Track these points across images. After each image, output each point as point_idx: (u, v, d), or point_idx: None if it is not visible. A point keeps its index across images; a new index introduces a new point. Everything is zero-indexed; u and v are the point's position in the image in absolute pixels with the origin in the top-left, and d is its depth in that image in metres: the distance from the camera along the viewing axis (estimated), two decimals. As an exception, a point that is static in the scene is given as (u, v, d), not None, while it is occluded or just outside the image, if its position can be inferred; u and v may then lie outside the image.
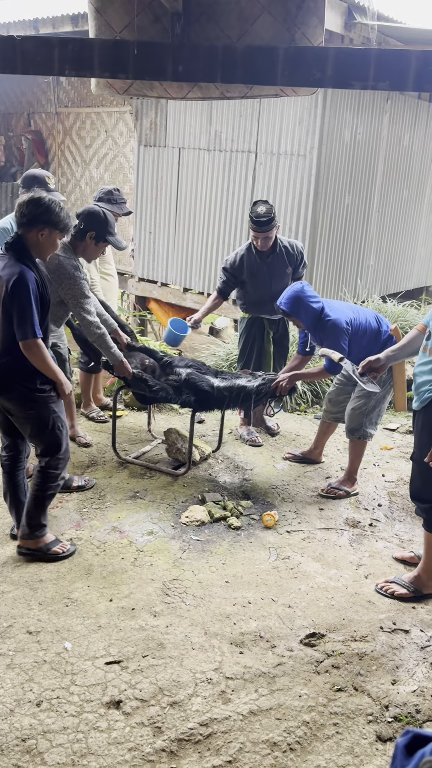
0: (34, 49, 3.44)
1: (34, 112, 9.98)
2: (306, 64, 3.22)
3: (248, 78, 3.36)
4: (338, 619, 2.97)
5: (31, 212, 2.88)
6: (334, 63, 3.21)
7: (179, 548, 3.43)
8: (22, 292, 2.83)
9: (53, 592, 3.03)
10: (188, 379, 4.05)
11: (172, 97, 3.81)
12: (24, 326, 2.87)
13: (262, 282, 4.61)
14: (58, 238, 2.99)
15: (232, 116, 7.07)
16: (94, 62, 3.40)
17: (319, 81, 3.26)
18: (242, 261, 4.61)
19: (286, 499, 4.05)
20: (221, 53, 3.30)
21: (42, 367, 2.98)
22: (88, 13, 3.72)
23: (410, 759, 0.96)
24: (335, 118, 6.59)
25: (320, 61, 3.20)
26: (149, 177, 8.05)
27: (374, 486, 4.31)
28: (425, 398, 2.92)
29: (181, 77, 3.39)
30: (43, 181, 4.11)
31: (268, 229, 4.40)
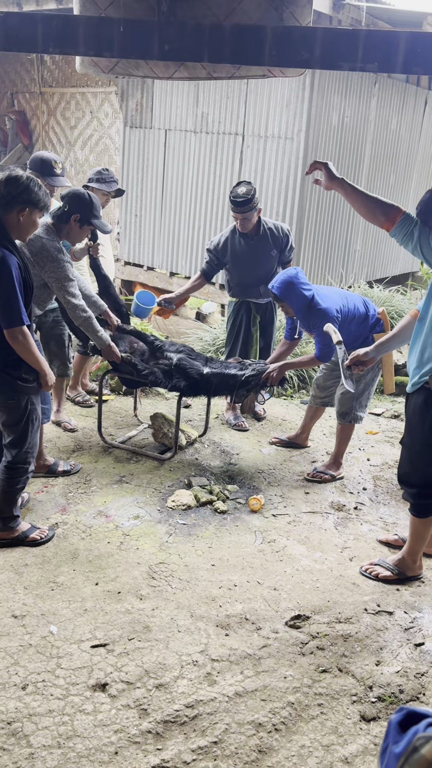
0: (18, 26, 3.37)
1: (18, 91, 9.81)
2: (294, 44, 3.18)
3: (235, 58, 3.32)
4: (323, 601, 2.99)
5: (10, 192, 2.80)
6: (323, 43, 3.17)
7: (165, 532, 3.43)
8: (5, 277, 2.77)
9: (39, 576, 3.02)
10: (179, 364, 4.03)
11: (158, 76, 3.75)
12: (9, 314, 2.82)
13: (246, 264, 4.58)
14: (37, 217, 2.93)
15: (219, 98, 7.00)
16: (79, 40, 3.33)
17: (307, 62, 3.23)
18: (226, 243, 4.58)
19: (272, 483, 4.06)
20: (208, 32, 3.25)
21: (26, 357, 2.93)
22: (73, -11, 3.64)
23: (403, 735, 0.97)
24: (323, 100, 6.54)
25: (308, 41, 3.16)
26: (135, 159, 7.96)
27: (359, 470, 4.33)
28: (416, 382, 2.93)
29: (168, 56, 3.34)
30: (50, 165, 4.05)
31: (246, 210, 4.37)
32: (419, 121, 8.71)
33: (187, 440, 4.42)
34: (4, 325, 2.84)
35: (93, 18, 3.56)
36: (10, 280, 2.78)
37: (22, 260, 2.91)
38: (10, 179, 2.81)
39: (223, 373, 4.01)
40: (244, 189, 4.36)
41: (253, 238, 4.56)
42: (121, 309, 4.32)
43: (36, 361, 2.98)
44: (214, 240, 4.66)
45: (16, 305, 2.81)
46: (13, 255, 2.84)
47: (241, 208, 4.36)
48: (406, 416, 3.06)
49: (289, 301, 3.85)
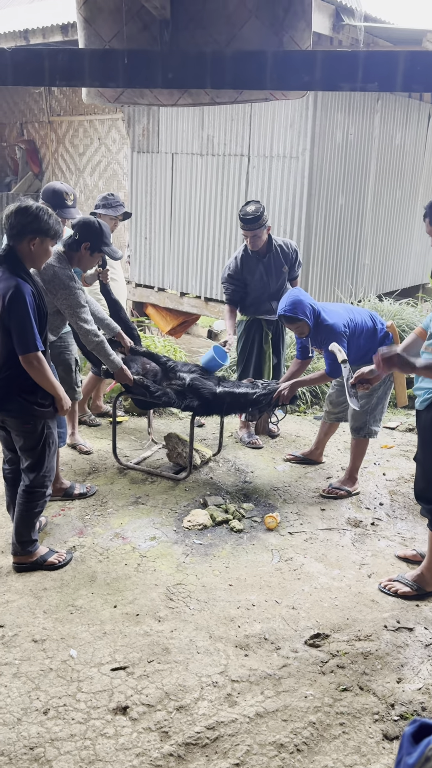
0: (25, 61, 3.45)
1: (27, 121, 10.01)
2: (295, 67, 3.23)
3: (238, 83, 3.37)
4: (342, 619, 2.98)
5: (20, 222, 2.86)
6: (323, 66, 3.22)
7: (182, 553, 3.43)
8: (20, 305, 2.82)
9: (57, 600, 3.04)
10: (192, 384, 4.06)
11: (163, 104, 3.82)
12: (24, 340, 2.87)
13: (260, 282, 4.63)
14: (50, 245, 2.98)
15: (223, 120, 7.09)
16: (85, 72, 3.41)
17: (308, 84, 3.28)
18: (242, 264, 4.63)
19: (287, 501, 4.06)
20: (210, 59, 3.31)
21: (42, 382, 2.97)
22: (78, 23, 3.74)
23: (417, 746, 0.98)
24: (326, 119, 6.60)
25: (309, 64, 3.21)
26: (143, 183, 8.07)
27: (375, 485, 4.31)
28: (426, 398, 2.93)
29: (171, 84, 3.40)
30: (62, 197, 4.09)
31: (256, 227, 4.42)
32: (423, 135, 8.77)
33: (201, 459, 4.44)
34: (20, 351, 2.88)
35: (98, 50, 3.65)
36: (24, 308, 2.83)
37: (36, 288, 2.96)
38: (20, 210, 2.87)
39: (235, 392, 4.03)
40: (253, 207, 4.42)
41: (265, 256, 4.61)
42: (132, 332, 4.37)
43: (51, 386, 3.02)
44: (231, 265, 4.68)
45: (31, 332, 2.86)
46: (27, 283, 2.90)
47: (250, 225, 4.41)
48: (418, 432, 3.06)
49: (305, 317, 3.83)
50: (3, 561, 3.31)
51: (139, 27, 3.72)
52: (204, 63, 3.42)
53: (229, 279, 4.69)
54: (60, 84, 3.61)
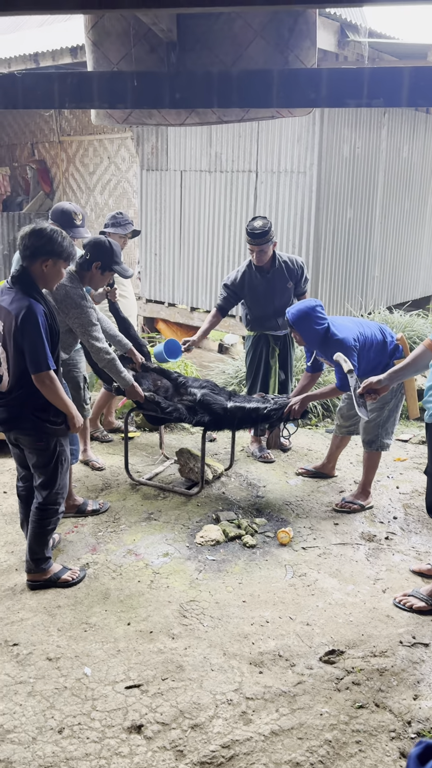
0: (35, 85, 3.53)
1: (38, 141, 10.15)
2: (300, 85, 3.28)
3: (244, 102, 3.43)
4: (357, 635, 2.95)
5: (34, 244, 2.91)
6: (328, 83, 3.27)
7: (195, 569, 3.43)
8: (32, 325, 2.86)
9: (71, 617, 3.04)
10: (203, 400, 4.07)
11: (171, 123, 3.87)
12: (36, 359, 2.90)
13: (263, 298, 4.65)
14: (62, 267, 3.02)
15: (231, 137, 7.16)
16: (94, 94, 3.48)
17: (314, 101, 3.32)
18: (243, 278, 4.66)
19: (300, 515, 4.04)
20: (217, 79, 3.37)
21: (54, 400, 3.00)
22: (86, 47, 3.81)
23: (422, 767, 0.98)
24: (333, 134, 6.65)
25: (314, 82, 3.26)
26: (153, 200, 8.15)
27: (389, 498, 4.29)
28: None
29: (179, 104, 3.46)
30: (71, 217, 4.13)
31: (263, 241, 4.45)
32: (431, 147, 8.79)
33: (213, 474, 4.44)
34: (32, 370, 2.91)
35: (106, 73, 3.72)
36: (37, 328, 2.87)
37: (48, 308, 3.00)
38: (34, 232, 2.92)
39: (246, 407, 4.04)
40: (261, 222, 4.45)
41: (269, 271, 4.63)
42: (142, 349, 4.39)
43: (63, 403, 3.04)
44: (231, 276, 4.74)
45: (43, 351, 2.89)
46: (39, 303, 2.93)
47: (258, 240, 4.44)
48: (428, 445, 3.05)
49: (300, 330, 3.86)
50: (17, 579, 3.32)
51: (146, 49, 3.78)
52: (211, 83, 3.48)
53: (224, 287, 4.77)
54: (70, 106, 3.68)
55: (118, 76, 3.50)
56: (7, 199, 10.56)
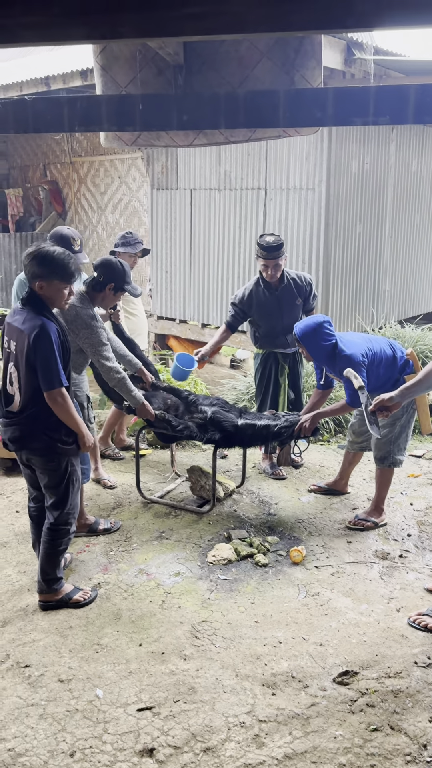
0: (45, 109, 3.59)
1: (50, 162, 10.30)
2: (306, 105, 3.31)
3: (251, 122, 3.46)
4: (371, 655, 2.91)
5: (30, 267, 2.96)
6: (334, 102, 3.29)
7: (207, 588, 3.41)
8: (45, 343, 2.89)
9: (83, 638, 3.03)
10: (214, 418, 4.07)
11: (179, 145, 3.92)
12: (49, 377, 2.92)
13: (272, 315, 4.64)
14: (61, 287, 3.00)
15: (240, 155, 7.22)
16: (102, 118, 3.53)
17: (320, 120, 3.35)
18: (251, 295, 4.65)
19: (313, 533, 4.02)
20: (224, 100, 3.41)
21: (66, 418, 3.01)
22: (95, 71, 3.86)
23: None
24: (342, 150, 6.69)
25: (320, 101, 3.29)
26: (163, 219, 8.22)
27: (402, 515, 4.25)
28: None
29: (187, 126, 3.50)
30: (69, 242, 4.15)
31: (278, 255, 4.46)
32: (440, 162, 8.81)
33: (224, 492, 4.42)
34: (45, 387, 2.93)
35: (114, 96, 3.77)
36: (49, 346, 2.90)
37: (60, 326, 3.03)
38: (29, 254, 2.96)
39: (256, 424, 4.03)
40: (273, 237, 4.48)
41: (277, 288, 4.64)
42: (150, 367, 4.41)
43: (74, 422, 3.06)
44: (239, 293, 4.74)
45: (56, 368, 2.92)
46: (51, 322, 2.97)
47: (273, 254, 4.45)
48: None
49: (307, 346, 3.85)
50: (30, 599, 3.32)
51: (154, 72, 3.83)
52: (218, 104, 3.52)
53: (232, 305, 4.77)
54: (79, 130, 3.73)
55: (126, 99, 3.55)
56: (20, 220, 10.70)
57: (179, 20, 1.48)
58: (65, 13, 1.55)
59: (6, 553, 3.75)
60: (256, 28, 1.47)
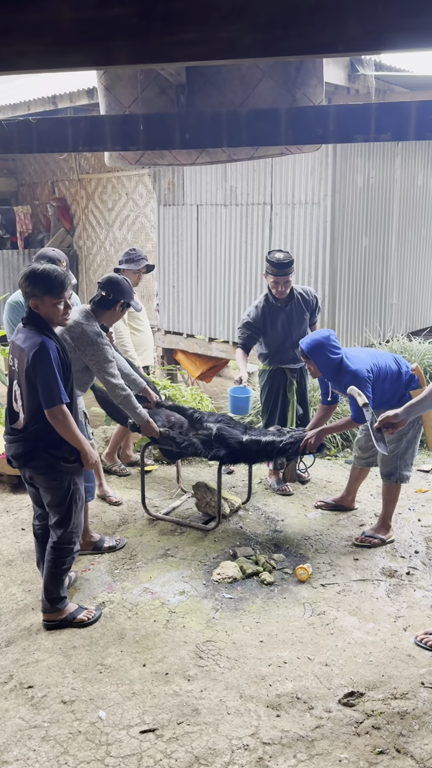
0: (49, 129, 3.64)
1: (58, 180, 10.40)
2: (308, 122, 3.33)
3: (253, 140, 3.48)
4: (377, 675, 2.88)
5: (24, 288, 2.98)
6: (335, 119, 3.31)
7: (212, 608, 3.38)
8: (45, 360, 2.90)
9: (87, 658, 3.01)
10: (218, 434, 4.07)
11: (182, 163, 3.94)
12: (50, 394, 2.93)
13: (282, 331, 4.65)
14: (54, 303, 2.98)
15: (246, 171, 7.26)
16: (106, 137, 3.57)
17: (322, 137, 3.36)
18: (263, 312, 4.63)
19: (319, 550, 3.98)
20: (226, 119, 3.43)
21: (67, 435, 3.02)
22: (98, 91, 3.91)
23: None
24: (347, 164, 6.71)
25: (322, 118, 3.31)
26: (170, 234, 8.27)
27: (410, 532, 4.21)
28: None
29: (189, 145, 3.53)
30: (53, 264, 4.19)
31: (289, 271, 4.47)
32: (446, 174, 8.81)
33: (230, 508, 4.40)
34: (45, 405, 2.94)
35: (118, 116, 3.80)
36: (49, 363, 2.91)
37: (60, 344, 3.05)
38: (22, 275, 2.98)
39: (261, 440, 4.02)
40: (283, 254, 4.48)
41: (287, 304, 4.64)
42: (150, 386, 4.42)
43: (77, 439, 3.06)
44: (251, 313, 4.68)
45: (56, 385, 2.93)
46: (51, 340, 2.98)
47: (285, 270, 4.46)
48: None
49: (315, 360, 3.84)
50: (34, 618, 3.31)
51: (156, 92, 3.87)
52: (220, 123, 3.54)
53: (246, 326, 4.68)
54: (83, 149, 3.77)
55: (129, 118, 3.58)
56: (28, 236, 10.80)
57: (172, 47, 1.49)
58: (60, 41, 1.57)
59: (11, 572, 3.75)
60: (247, 53, 1.48)
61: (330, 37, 1.46)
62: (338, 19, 1.45)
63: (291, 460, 4.18)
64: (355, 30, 1.44)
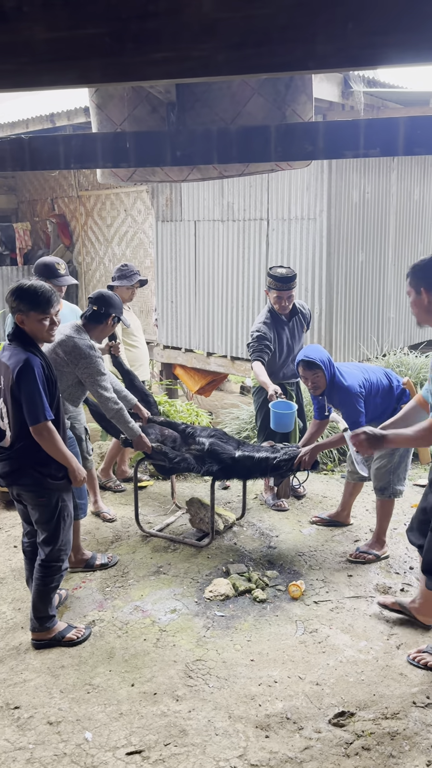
0: (41, 147, 3.65)
1: (57, 197, 10.47)
2: (298, 139, 3.34)
3: (244, 157, 3.49)
4: (368, 695, 2.83)
5: (10, 303, 2.99)
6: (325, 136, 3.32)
7: (203, 626, 3.35)
8: (29, 377, 2.89)
9: (75, 678, 2.97)
10: (211, 449, 4.04)
11: (174, 180, 3.96)
12: (34, 411, 2.92)
13: (285, 347, 4.64)
14: (40, 319, 2.98)
15: (243, 187, 7.30)
16: (98, 155, 3.58)
17: (312, 153, 3.37)
18: (270, 328, 4.59)
19: (313, 567, 3.94)
20: (216, 136, 3.45)
21: (53, 452, 3.00)
22: (90, 109, 3.94)
23: None
24: (342, 180, 6.74)
25: (311, 135, 3.32)
26: (168, 250, 8.30)
27: (405, 547, 4.16)
28: None
29: (180, 161, 3.54)
30: (53, 267, 4.22)
31: (293, 286, 4.48)
32: (443, 189, 8.84)
33: (224, 524, 4.37)
34: (30, 422, 2.93)
35: (109, 134, 3.83)
36: (33, 380, 2.90)
37: (45, 361, 3.04)
38: (12, 291, 2.97)
39: (254, 456, 3.99)
40: (285, 269, 4.48)
41: (290, 319, 4.64)
42: (149, 399, 4.41)
43: (63, 456, 3.04)
44: (261, 328, 4.57)
45: (41, 402, 2.91)
46: (36, 356, 2.98)
47: (289, 284, 4.46)
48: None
49: (323, 365, 3.79)
50: (22, 637, 3.27)
51: (148, 110, 3.90)
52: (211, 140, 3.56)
53: (260, 339, 4.54)
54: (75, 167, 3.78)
55: (121, 136, 3.60)
56: (28, 253, 10.85)
57: (145, 65, 1.50)
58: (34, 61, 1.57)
59: (2, 590, 3.72)
60: (219, 71, 1.49)
61: (300, 54, 1.46)
62: (309, 38, 1.45)
63: (285, 476, 4.15)
64: (325, 48, 1.44)
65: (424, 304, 2.82)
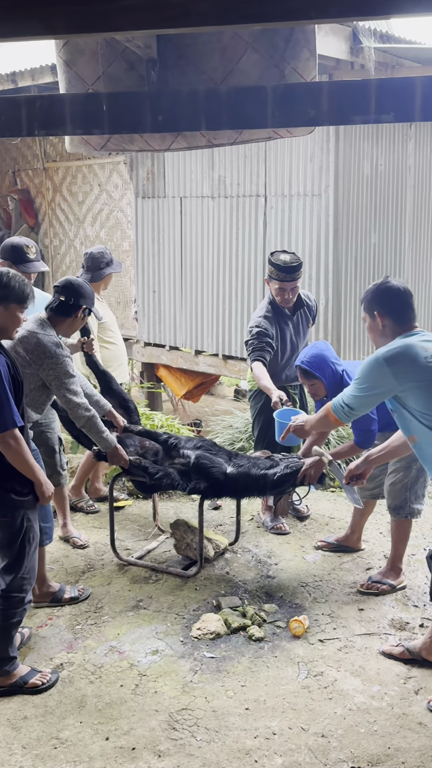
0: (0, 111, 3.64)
1: (20, 169, 10.45)
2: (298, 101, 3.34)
3: (236, 122, 3.50)
4: (382, 748, 2.83)
5: None
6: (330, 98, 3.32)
7: (189, 669, 3.34)
8: None
9: (39, 731, 2.96)
10: (198, 463, 4.03)
11: (155, 149, 3.96)
12: (1, 417, 2.92)
13: (289, 345, 4.63)
14: (16, 311, 3.03)
15: (236, 159, 7.32)
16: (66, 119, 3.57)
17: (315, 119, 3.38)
18: (271, 322, 4.59)
19: (318, 600, 3.95)
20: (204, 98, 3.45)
21: (19, 464, 3.00)
22: (57, 67, 3.94)
23: None
24: (352, 150, 6.76)
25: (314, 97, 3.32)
26: (149, 231, 8.31)
27: (425, 576, 4.18)
28: None
29: (162, 128, 3.53)
30: (21, 250, 4.22)
31: (298, 276, 4.45)
32: (467, 160, 8.90)
33: (215, 550, 4.37)
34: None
35: (79, 95, 3.82)
36: (0, 382, 2.89)
37: (9, 359, 3.04)
38: None
39: (250, 473, 3.97)
40: (289, 256, 4.45)
41: (295, 313, 4.63)
42: (128, 405, 4.40)
43: (30, 469, 3.04)
44: (260, 323, 4.55)
45: (8, 407, 2.91)
46: (1, 354, 2.97)
47: (293, 275, 4.44)
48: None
49: (322, 374, 3.84)
50: (-22, 683, 3.25)
51: (124, 67, 3.90)
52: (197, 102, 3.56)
53: (261, 335, 4.51)
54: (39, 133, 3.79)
55: (93, 97, 3.59)
56: (-14, 234, 10.84)
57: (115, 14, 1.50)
58: (-11, 9, 1.57)
59: None
60: (203, 20, 1.49)
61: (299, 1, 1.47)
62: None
63: (286, 493, 4.16)
64: (326, -7, 1.45)
65: (379, 327, 3.19)
